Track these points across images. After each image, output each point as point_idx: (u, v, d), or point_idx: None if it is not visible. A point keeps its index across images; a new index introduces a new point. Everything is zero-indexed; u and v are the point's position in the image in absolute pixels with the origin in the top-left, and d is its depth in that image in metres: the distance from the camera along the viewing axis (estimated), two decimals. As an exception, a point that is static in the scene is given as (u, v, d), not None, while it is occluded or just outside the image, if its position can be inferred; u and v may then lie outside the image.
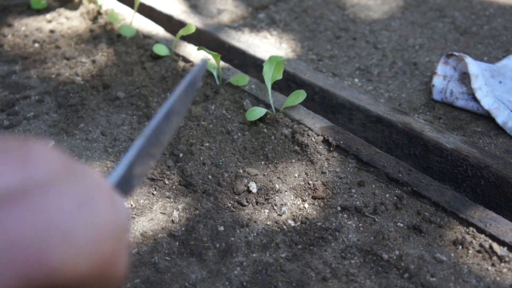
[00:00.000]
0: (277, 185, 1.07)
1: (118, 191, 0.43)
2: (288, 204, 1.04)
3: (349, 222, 1.00)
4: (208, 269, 0.93)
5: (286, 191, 1.06)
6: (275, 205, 1.04)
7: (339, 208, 1.03)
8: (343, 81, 1.41)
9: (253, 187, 1.06)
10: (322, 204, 1.04)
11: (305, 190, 1.06)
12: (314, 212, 1.02)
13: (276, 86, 1.41)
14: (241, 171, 1.10)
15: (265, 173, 1.10)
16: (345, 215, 1.02)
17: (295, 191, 1.06)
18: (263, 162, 1.13)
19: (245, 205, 1.04)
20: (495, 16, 1.65)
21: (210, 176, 1.09)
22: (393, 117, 1.23)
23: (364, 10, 1.72)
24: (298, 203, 1.04)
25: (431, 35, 1.58)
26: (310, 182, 1.07)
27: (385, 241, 0.96)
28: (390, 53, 1.51)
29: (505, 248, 0.92)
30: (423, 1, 1.75)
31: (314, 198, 1.05)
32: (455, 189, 1.15)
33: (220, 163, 1.12)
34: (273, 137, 1.17)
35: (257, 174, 1.10)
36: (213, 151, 1.14)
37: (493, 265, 0.91)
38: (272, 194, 1.06)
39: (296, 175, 1.09)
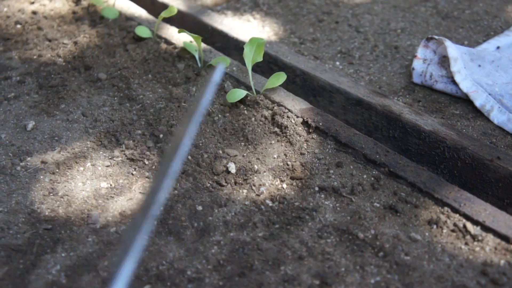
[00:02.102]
0: (256, 166, 1.08)
1: None
2: (267, 184, 1.05)
3: (326, 202, 1.02)
4: (185, 247, 0.94)
5: (265, 171, 1.07)
6: (254, 186, 1.05)
7: (316, 189, 1.04)
8: (324, 64, 1.41)
9: (232, 168, 1.07)
10: (300, 184, 1.05)
11: (283, 170, 1.07)
12: (292, 192, 1.03)
13: (258, 68, 1.42)
14: (220, 152, 1.11)
15: (245, 154, 1.11)
16: (322, 195, 1.03)
17: (274, 172, 1.07)
18: (242, 143, 1.14)
19: (223, 185, 1.05)
20: (477, 0, 1.66)
21: (189, 157, 1.10)
22: (372, 100, 1.23)
23: (347, -6, 1.72)
24: (277, 183, 1.05)
25: (413, 19, 1.59)
26: (289, 163, 1.08)
27: (361, 220, 0.97)
28: (372, 36, 1.52)
29: (479, 227, 0.94)
30: (406, -15, 1.76)
31: (292, 178, 1.06)
32: (433, 171, 1.16)
33: (200, 144, 1.12)
34: (253, 119, 1.17)
35: (236, 155, 1.10)
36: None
37: (466, 243, 0.93)
38: (250, 175, 1.06)
39: (275, 156, 1.10)
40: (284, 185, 1.05)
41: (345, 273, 0.89)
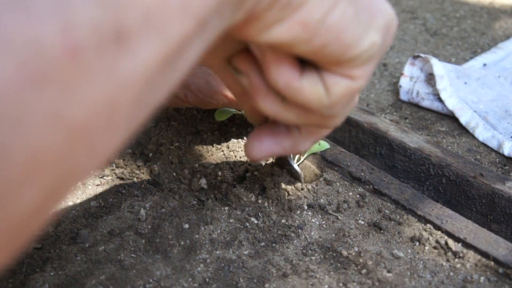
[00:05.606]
0: (243, 184, 1.10)
1: None
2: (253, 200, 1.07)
3: (312, 220, 1.03)
4: (172, 266, 0.95)
5: (251, 189, 1.09)
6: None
7: (303, 206, 1.06)
8: (313, 82, 1.43)
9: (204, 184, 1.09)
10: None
11: (270, 188, 1.09)
12: (279, 210, 1.05)
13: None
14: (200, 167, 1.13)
15: (232, 172, 1.13)
16: (309, 213, 1.05)
17: (261, 190, 1.09)
18: (230, 162, 1.15)
19: (203, 201, 1.07)
20: (465, 18, 1.68)
21: (174, 174, 1.12)
22: (359, 117, 1.26)
23: (338, 11, 1.75)
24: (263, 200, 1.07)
25: (402, 37, 1.61)
26: (276, 181, 1.10)
27: (345, 238, 0.99)
28: (361, 54, 1.54)
29: (460, 244, 0.96)
30: (396, 2, 1.78)
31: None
32: (418, 188, 1.18)
33: (184, 161, 1.14)
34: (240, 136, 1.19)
35: (224, 173, 1.12)
36: (181, 150, 1.17)
37: (447, 260, 0.94)
38: (237, 193, 1.08)
39: (262, 174, 1.12)
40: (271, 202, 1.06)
41: (328, 290, 0.90)
